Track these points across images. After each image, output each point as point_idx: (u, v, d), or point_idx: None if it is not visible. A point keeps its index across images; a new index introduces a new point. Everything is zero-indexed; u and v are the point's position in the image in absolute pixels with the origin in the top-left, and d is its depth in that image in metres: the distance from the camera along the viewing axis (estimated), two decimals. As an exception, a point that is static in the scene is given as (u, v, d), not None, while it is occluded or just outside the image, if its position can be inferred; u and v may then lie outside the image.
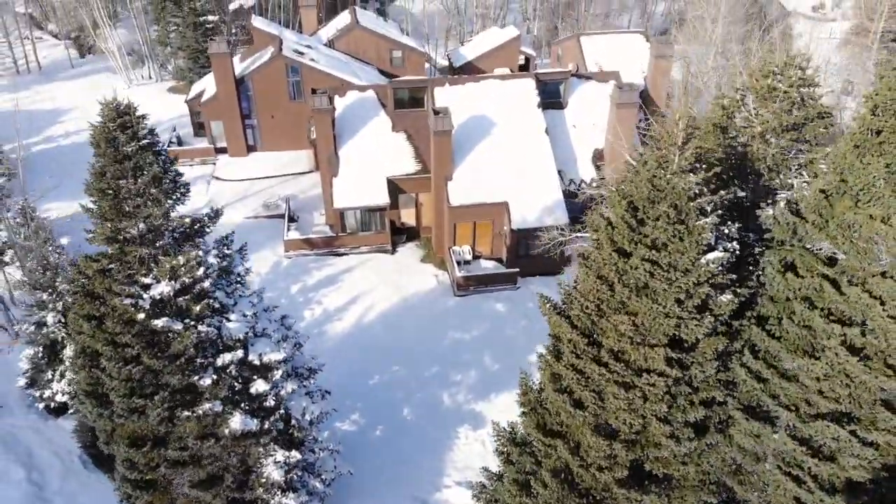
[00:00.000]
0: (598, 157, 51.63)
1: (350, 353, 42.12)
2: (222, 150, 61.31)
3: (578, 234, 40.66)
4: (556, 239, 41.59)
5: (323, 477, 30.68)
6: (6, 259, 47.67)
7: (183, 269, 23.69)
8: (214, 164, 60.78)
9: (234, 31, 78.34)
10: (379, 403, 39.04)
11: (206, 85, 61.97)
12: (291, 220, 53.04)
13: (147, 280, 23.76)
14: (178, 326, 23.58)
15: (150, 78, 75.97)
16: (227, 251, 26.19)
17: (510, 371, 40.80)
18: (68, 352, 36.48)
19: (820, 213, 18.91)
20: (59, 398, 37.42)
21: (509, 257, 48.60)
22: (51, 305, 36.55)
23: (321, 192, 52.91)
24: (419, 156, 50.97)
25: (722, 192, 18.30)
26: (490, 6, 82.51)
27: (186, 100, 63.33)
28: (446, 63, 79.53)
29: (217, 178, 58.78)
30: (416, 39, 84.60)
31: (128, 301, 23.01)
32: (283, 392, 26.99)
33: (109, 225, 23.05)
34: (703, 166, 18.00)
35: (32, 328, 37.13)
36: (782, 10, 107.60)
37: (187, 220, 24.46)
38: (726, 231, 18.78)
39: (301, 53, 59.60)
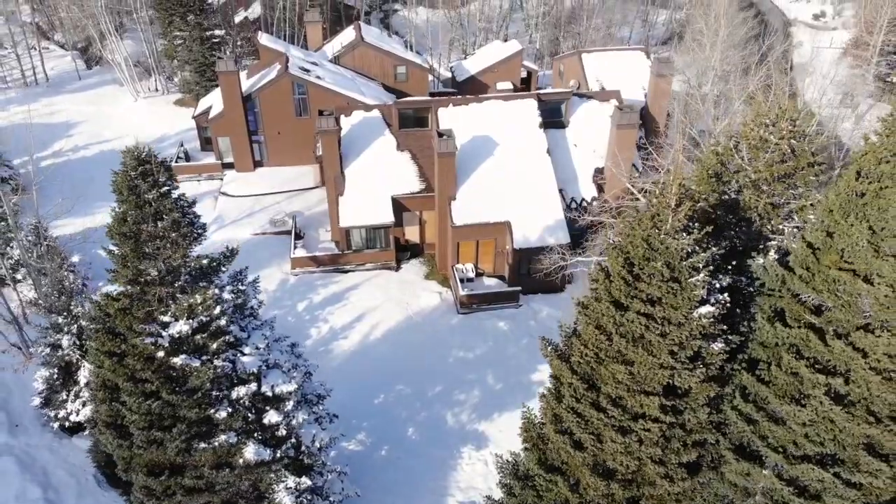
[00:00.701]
0: (598, 177, 52.72)
1: (356, 371, 43.26)
2: (229, 166, 62.46)
3: (579, 259, 41.79)
4: (556, 263, 42.71)
5: (331, 499, 31.85)
6: (18, 277, 48.78)
7: (200, 307, 24.85)
8: (222, 179, 61.90)
9: (239, 42, 79.39)
10: (384, 423, 40.20)
11: (213, 101, 63.09)
12: (298, 236, 54.21)
13: (166, 318, 24.92)
14: (196, 363, 24.77)
15: (157, 90, 77.07)
16: (241, 287, 27.33)
17: (512, 390, 42.15)
18: (83, 373, 37.71)
19: (807, 266, 20.03)
20: (73, 418, 38.53)
21: (511, 275, 49.73)
22: (66, 328, 37.68)
23: (327, 207, 54.04)
24: (423, 174, 52.06)
25: (713, 249, 19.40)
26: (493, 19, 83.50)
27: (194, 115, 64.45)
28: (449, 75, 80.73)
29: (224, 194, 59.90)
30: (420, 50, 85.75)
31: (148, 340, 24.17)
32: (294, 422, 28.18)
33: (130, 267, 24.14)
34: (696, 225, 19.12)
35: (48, 350, 38.24)
36: (783, 22, 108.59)
37: (204, 261, 25.57)
38: (717, 284, 19.87)
39: (307, 71, 60.69)
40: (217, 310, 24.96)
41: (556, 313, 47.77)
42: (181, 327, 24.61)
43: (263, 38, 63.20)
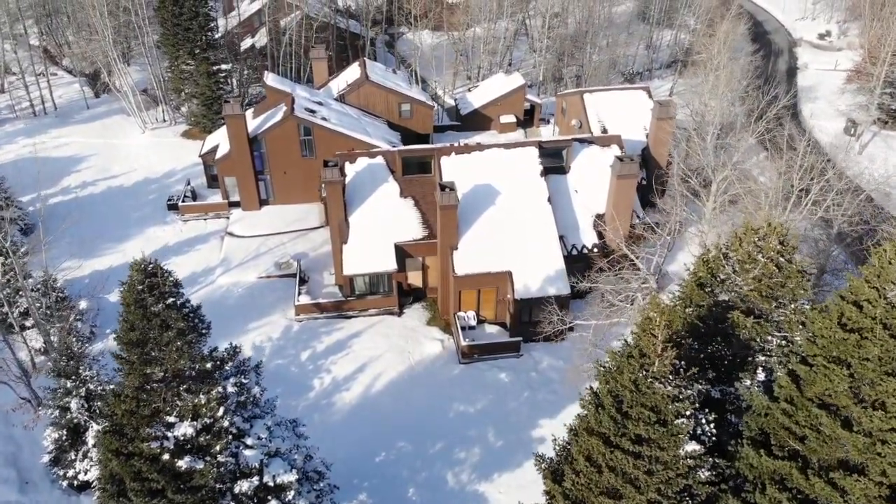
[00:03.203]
0: (598, 223, 53.31)
1: (357, 426, 43.95)
2: (235, 204, 63.17)
3: (578, 322, 42.38)
4: (556, 327, 43.38)
5: (333, 572, 32.65)
6: (28, 324, 49.61)
7: (204, 409, 25.59)
8: (228, 218, 62.61)
9: (245, 71, 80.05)
10: (385, 482, 40.87)
11: (220, 139, 63.75)
12: (302, 281, 54.92)
13: (171, 419, 25.67)
14: (200, 465, 25.54)
15: (164, 121, 77.67)
16: (244, 380, 28.02)
17: (513, 448, 42.78)
18: (91, 434, 38.61)
19: (790, 399, 20.63)
20: (81, 476, 39.38)
21: (512, 324, 50.34)
22: (74, 392, 38.52)
23: (331, 248, 54.76)
24: (426, 221, 52.74)
25: (699, 386, 20.04)
26: (497, 50, 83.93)
27: (201, 153, 65.13)
28: (453, 102, 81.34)
29: (231, 235, 60.63)
30: (425, 77, 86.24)
31: (154, 445, 24.95)
32: (295, 509, 28.99)
33: (137, 373, 24.89)
34: (682, 364, 19.75)
35: (56, 412, 39.10)
36: (789, 42, 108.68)
37: (208, 365, 26.26)
38: (704, 419, 20.51)
39: (312, 112, 61.35)
40: (221, 411, 25.72)
41: (556, 363, 48.42)
42: (186, 429, 25.39)
43: (269, 79, 63.83)
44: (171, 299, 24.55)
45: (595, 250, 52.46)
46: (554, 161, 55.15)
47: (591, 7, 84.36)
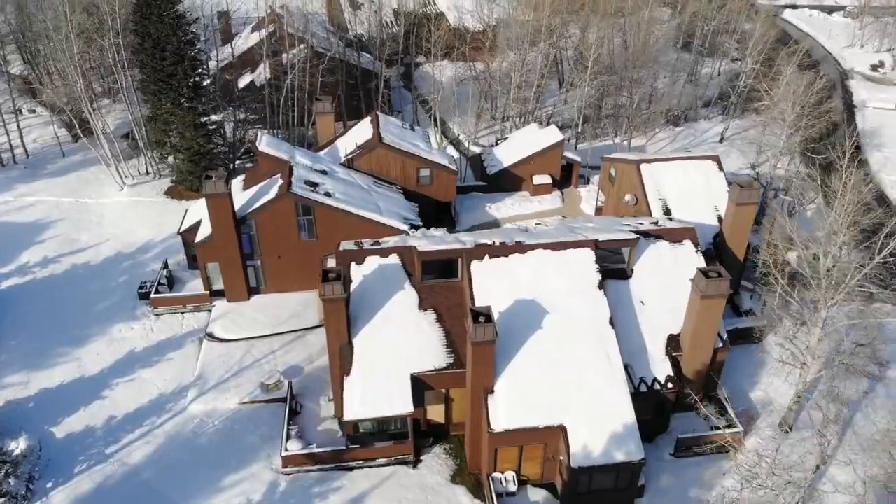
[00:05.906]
0: (673, 347, 39.01)
1: None
2: (219, 293, 48.80)
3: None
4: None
5: None
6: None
7: None
8: (210, 311, 48.25)
9: (242, 115, 65.58)
10: None
11: (202, 214, 49.04)
12: (293, 412, 40.75)
13: None
14: None
15: (147, 173, 62.82)
16: None
17: None
18: None
19: None
20: None
21: (565, 495, 35.99)
22: None
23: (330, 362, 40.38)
24: (451, 342, 38.32)
25: None
26: (529, 98, 68.66)
27: (179, 231, 50.70)
28: (476, 150, 66.98)
29: (210, 337, 46.26)
30: (445, 115, 71.60)
31: None
32: None
33: None
34: None
35: None
36: (839, 73, 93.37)
37: None
38: None
39: (314, 185, 46.83)
40: None
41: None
42: None
43: (263, 143, 49.17)
44: None
45: (670, 386, 38.21)
46: (614, 263, 40.80)
47: (637, 51, 69.00)
